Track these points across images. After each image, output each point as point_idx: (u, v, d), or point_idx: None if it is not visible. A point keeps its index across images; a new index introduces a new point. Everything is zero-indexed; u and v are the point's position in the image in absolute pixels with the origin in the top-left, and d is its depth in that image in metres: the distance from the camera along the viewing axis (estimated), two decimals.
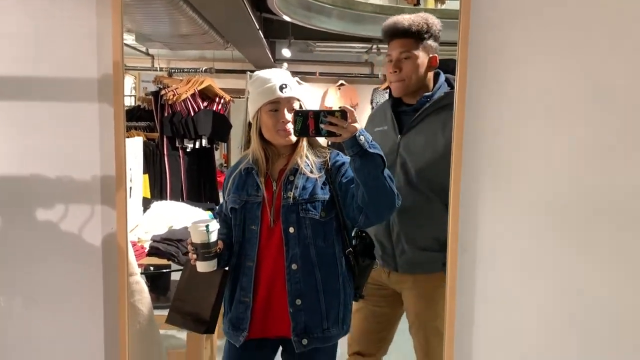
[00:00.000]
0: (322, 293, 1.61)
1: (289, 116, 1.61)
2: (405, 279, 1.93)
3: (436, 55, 1.91)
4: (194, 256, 1.57)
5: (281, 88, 1.61)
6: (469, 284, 1.10)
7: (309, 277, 1.60)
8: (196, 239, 1.55)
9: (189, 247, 1.59)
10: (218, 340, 3.12)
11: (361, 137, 1.45)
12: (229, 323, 1.68)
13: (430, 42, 1.90)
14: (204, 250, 1.54)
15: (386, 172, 1.50)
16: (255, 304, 1.62)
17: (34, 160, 1.04)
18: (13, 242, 1.06)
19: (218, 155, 4.16)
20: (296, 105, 1.64)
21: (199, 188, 3.96)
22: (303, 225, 1.60)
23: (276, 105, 1.61)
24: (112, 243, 1.03)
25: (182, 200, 3.54)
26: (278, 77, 1.64)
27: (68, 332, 1.06)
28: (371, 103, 5.61)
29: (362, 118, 2.46)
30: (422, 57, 1.91)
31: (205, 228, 1.53)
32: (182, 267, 2.42)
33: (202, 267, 1.58)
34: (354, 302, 1.79)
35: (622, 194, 1.10)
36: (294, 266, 1.59)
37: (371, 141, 1.49)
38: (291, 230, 1.60)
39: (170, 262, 2.44)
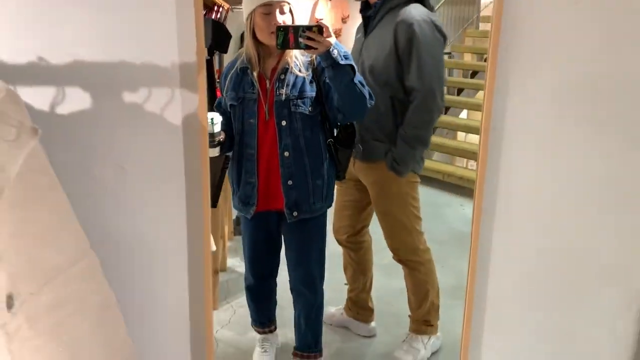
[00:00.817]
0: (309, 175, 1.90)
1: (280, 18, 1.77)
2: (363, 167, 2.23)
3: None
4: None
5: None
6: (496, 158, 1.29)
7: (299, 162, 1.88)
8: None
9: None
10: (229, 242, 3.36)
11: (334, 50, 1.67)
12: (238, 200, 1.99)
13: None
14: (209, 139, 1.74)
15: (357, 78, 1.76)
16: (259, 183, 1.90)
17: (120, 46, 1.16)
18: (103, 119, 1.20)
19: None
20: (286, 9, 1.80)
21: None
22: (294, 119, 1.84)
23: (268, 9, 1.76)
24: (194, 122, 1.18)
25: None
26: None
27: (153, 199, 1.23)
28: None
29: (353, 31, 2.56)
30: None
31: (210, 120, 1.74)
32: None
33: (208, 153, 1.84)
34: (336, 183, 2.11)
35: None
36: (286, 153, 1.85)
37: (344, 53, 1.73)
38: (283, 123, 1.83)
39: None
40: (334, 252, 2.47)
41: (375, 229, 2.48)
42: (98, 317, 1.07)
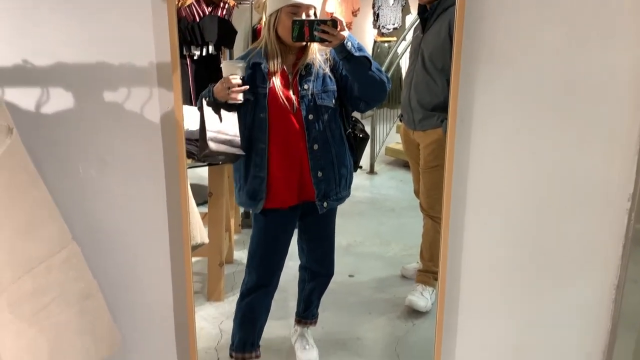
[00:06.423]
0: (336, 166, 1.95)
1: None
2: (420, 134, 2.64)
3: None
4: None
5: None
6: (465, 149, 1.32)
7: (327, 154, 1.93)
8: (228, 72, 1.77)
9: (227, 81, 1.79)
10: (235, 235, 3.43)
11: (348, 43, 1.72)
12: (245, 195, 2.00)
13: None
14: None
15: (374, 66, 1.80)
16: (268, 177, 1.93)
17: (100, 48, 1.22)
18: (86, 118, 1.26)
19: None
20: (311, 12, 1.84)
21: None
22: (320, 112, 1.89)
23: (296, 9, 1.81)
24: (171, 119, 1.23)
25: None
26: None
27: (135, 193, 1.29)
28: (373, 7, 5.56)
29: (365, 23, 2.64)
30: None
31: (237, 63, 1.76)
32: (200, 164, 2.71)
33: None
34: None
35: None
36: (315, 147, 1.90)
37: (357, 46, 1.77)
38: (310, 117, 1.88)
39: (190, 160, 2.66)
40: None
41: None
42: (80, 305, 1.14)
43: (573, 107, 1.29)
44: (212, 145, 2.06)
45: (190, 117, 3.02)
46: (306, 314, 2.41)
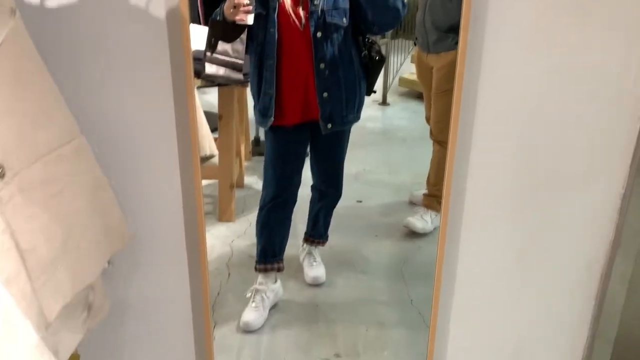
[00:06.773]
0: (343, 87, 1.93)
1: None
2: (434, 56, 2.64)
3: None
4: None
5: None
6: (476, 65, 1.29)
7: (334, 74, 1.89)
8: None
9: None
10: (245, 162, 3.47)
11: None
12: (258, 111, 2.01)
13: None
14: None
15: None
16: (276, 95, 1.92)
17: None
18: (90, 11, 1.24)
19: None
20: None
21: None
22: (329, 30, 1.84)
23: None
24: (177, 14, 1.21)
25: None
26: None
27: (141, 88, 1.29)
28: None
29: None
30: None
31: None
32: (208, 84, 2.69)
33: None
34: None
35: None
36: (321, 65, 1.87)
37: None
38: (319, 34, 1.84)
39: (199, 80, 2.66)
40: None
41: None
42: (92, 195, 1.16)
43: (591, 8, 1.23)
44: (211, 67, 2.05)
45: (197, 36, 2.99)
46: (314, 232, 2.49)
